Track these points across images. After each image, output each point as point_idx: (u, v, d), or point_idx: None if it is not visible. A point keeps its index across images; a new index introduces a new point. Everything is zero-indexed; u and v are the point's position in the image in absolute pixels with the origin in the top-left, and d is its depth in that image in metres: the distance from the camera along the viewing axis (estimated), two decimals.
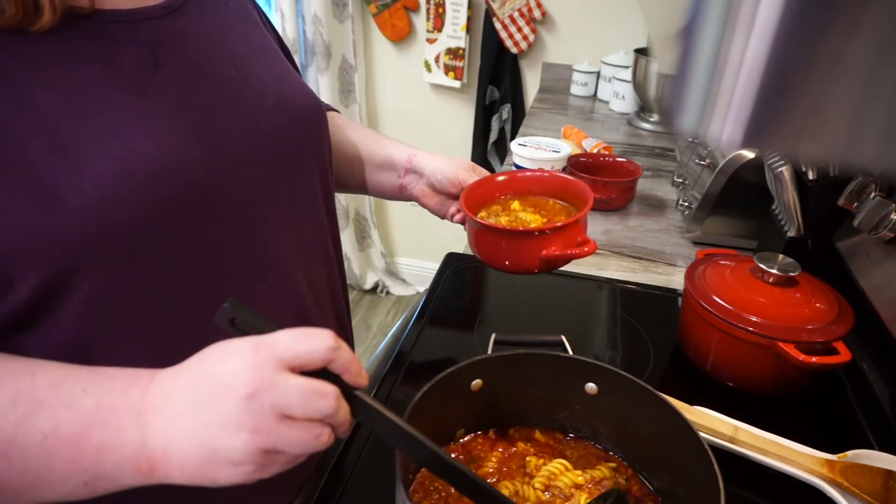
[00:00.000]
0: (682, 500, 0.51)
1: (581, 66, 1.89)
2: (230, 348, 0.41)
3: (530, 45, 1.95)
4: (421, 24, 2.06)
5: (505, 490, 0.54)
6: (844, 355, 0.66)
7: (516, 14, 1.91)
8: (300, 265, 0.62)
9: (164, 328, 0.51)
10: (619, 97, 1.76)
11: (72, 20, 0.46)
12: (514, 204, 0.78)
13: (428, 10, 1.98)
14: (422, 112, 2.22)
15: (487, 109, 2.08)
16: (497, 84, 2.04)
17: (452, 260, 1.00)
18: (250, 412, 0.38)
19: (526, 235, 0.69)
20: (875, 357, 0.77)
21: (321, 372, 0.41)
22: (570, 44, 1.97)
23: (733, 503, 0.45)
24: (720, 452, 0.61)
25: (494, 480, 0.55)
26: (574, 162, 1.21)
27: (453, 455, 0.57)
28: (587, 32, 1.93)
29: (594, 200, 0.73)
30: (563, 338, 0.73)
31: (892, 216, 0.71)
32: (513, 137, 1.87)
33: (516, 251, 0.71)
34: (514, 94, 2.04)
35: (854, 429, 0.72)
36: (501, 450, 0.58)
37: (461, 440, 0.59)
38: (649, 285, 0.96)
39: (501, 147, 2.10)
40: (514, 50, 1.96)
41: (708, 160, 1.05)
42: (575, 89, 1.92)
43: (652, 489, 0.55)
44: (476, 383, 0.57)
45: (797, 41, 0.18)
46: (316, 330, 0.41)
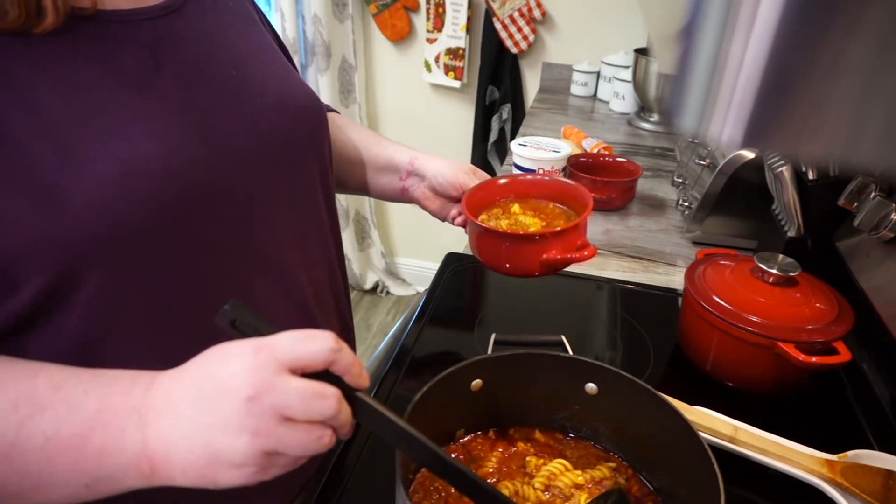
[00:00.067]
0: (682, 500, 0.51)
1: (581, 66, 1.89)
2: (231, 350, 0.41)
3: (530, 45, 1.95)
4: (421, 24, 2.06)
5: (505, 490, 0.54)
6: (844, 355, 0.66)
7: (516, 14, 1.91)
8: (302, 265, 0.62)
9: (167, 328, 0.51)
10: (619, 97, 1.76)
11: (73, 21, 0.46)
12: (514, 207, 0.79)
13: (428, 10, 1.98)
14: (422, 112, 2.22)
15: (487, 109, 2.08)
16: (497, 84, 2.04)
17: (452, 260, 1.00)
18: (251, 414, 0.38)
19: (527, 239, 0.70)
20: (875, 357, 0.77)
21: (322, 373, 0.41)
22: (570, 44, 1.97)
23: (733, 503, 0.45)
24: (720, 452, 0.61)
25: (494, 480, 0.55)
26: (574, 162, 1.21)
27: (453, 455, 0.57)
28: (587, 32, 1.93)
29: (594, 201, 0.73)
30: (563, 338, 0.73)
31: (892, 216, 0.71)
32: (513, 137, 1.87)
33: (517, 255, 0.71)
34: (514, 94, 2.04)
35: (854, 429, 0.72)
36: (501, 450, 0.58)
37: (461, 440, 0.59)
38: (649, 285, 0.96)
39: (501, 147, 2.10)
40: (514, 50, 1.96)
41: (708, 160, 1.05)
42: (575, 89, 1.92)
43: (652, 489, 0.55)
44: (476, 383, 0.57)
45: (797, 41, 0.18)
46: (317, 332, 0.41)
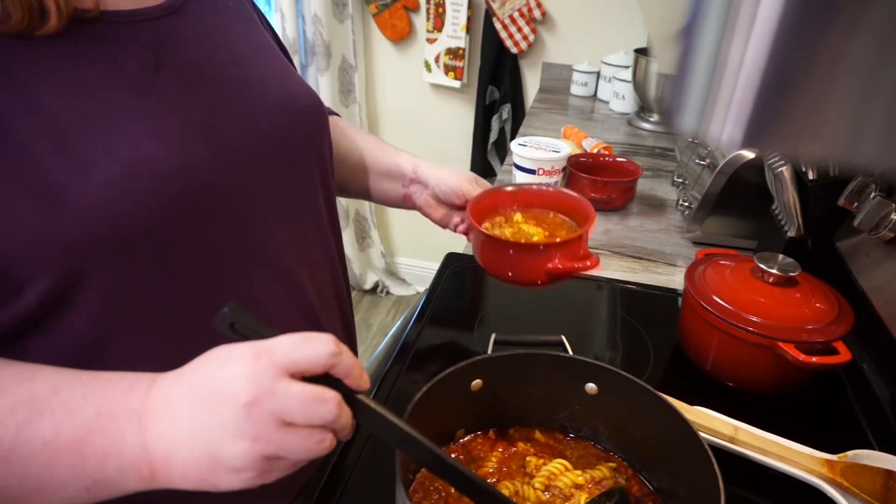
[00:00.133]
0: (682, 500, 0.51)
1: (581, 66, 1.88)
2: (231, 354, 0.40)
3: (530, 45, 1.95)
4: (421, 24, 2.06)
5: (505, 490, 0.54)
6: (844, 355, 0.66)
7: (516, 14, 1.91)
8: (303, 265, 0.62)
9: (169, 328, 0.51)
10: (619, 97, 1.76)
11: (75, 22, 0.46)
12: (517, 216, 0.80)
13: (428, 10, 1.98)
14: (422, 112, 2.22)
15: (487, 109, 2.08)
16: (497, 84, 2.04)
17: (452, 260, 1.00)
18: (250, 420, 0.38)
19: (532, 249, 0.71)
20: (875, 357, 0.77)
21: (323, 376, 0.41)
22: (570, 44, 1.97)
23: (733, 503, 0.45)
24: (720, 452, 0.61)
25: (494, 480, 0.55)
26: (574, 162, 1.21)
27: (453, 455, 0.57)
28: (587, 32, 1.93)
29: (594, 201, 0.74)
30: (563, 338, 0.73)
31: (892, 216, 0.71)
32: (513, 137, 1.87)
33: (522, 264, 0.72)
34: (514, 94, 2.04)
35: (854, 429, 0.72)
36: (501, 450, 0.58)
37: (461, 440, 0.59)
38: (649, 285, 0.96)
39: (501, 147, 2.10)
40: (514, 50, 1.96)
41: (708, 160, 1.05)
42: (575, 89, 1.92)
43: (652, 489, 0.55)
44: (476, 383, 0.57)
45: (797, 41, 0.18)
46: (316, 335, 0.41)
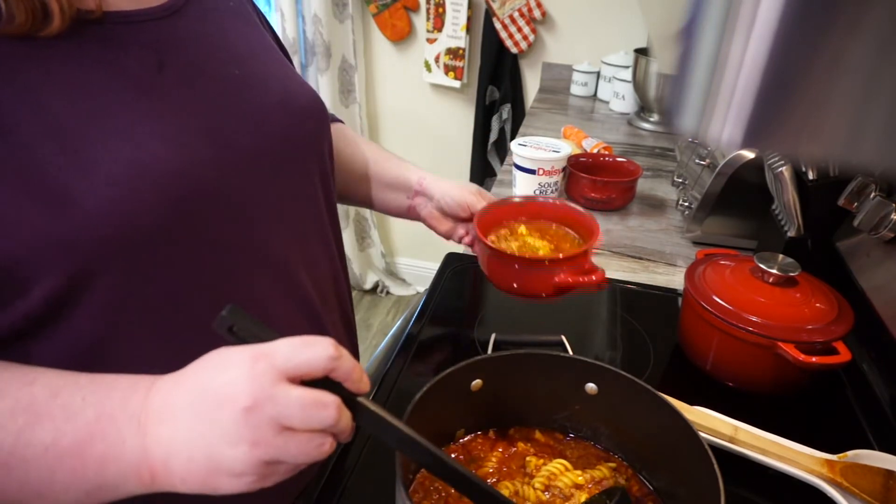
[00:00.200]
0: (682, 500, 0.51)
1: (581, 66, 1.88)
2: (230, 357, 0.40)
3: (530, 45, 1.95)
4: (421, 24, 2.06)
5: (505, 490, 0.54)
6: (844, 355, 0.66)
7: (516, 14, 1.91)
8: (304, 265, 0.62)
9: (172, 330, 0.51)
10: (619, 97, 1.76)
11: (77, 23, 0.46)
12: (521, 228, 0.81)
13: (428, 10, 1.98)
14: (422, 112, 2.22)
15: (487, 109, 2.08)
16: (497, 84, 2.04)
17: (452, 260, 1.00)
18: (249, 425, 0.38)
19: (539, 263, 0.72)
20: (875, 357, 0.77)
21: (322, 380, 0.40)
22: (570, 44, 1.96)
23: (733, 503, 0.45)
24: (720, 452, 0.61)
25: (494, 480, 0.55)
26: (574, 162, 1.21)
27: (453, 455, 0.57)
28: (587, 32, 1.93)
29: (594, 201, 0.74)
30: (563, 338, 0.73)
31: (892, 216, 0.71)
32: (513, 137, 1.87)
33: (529, 277, 0.73)
34: (514, 94, 2.04)
35: (854, 429, 0.72)
36: (501, 450, 0.58)
37: (461, 440, 0.59)
38: (649, 285, 0.96)
39: (501, 147, 2.10)
40: (514, 50, 1.96)
41: (708, 160, 1.05)
42: (575, 89, 1.91)
43: (652, 489, 0.55)
44: (476, 383, 0.57)
45: (797, 41, 0.18)
46: (316, 338, 0.41)
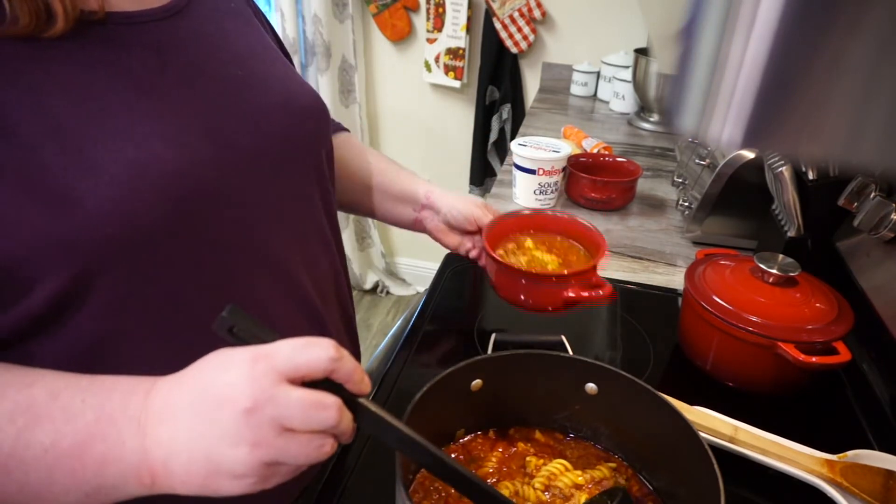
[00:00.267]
0: (682, 500, 0.51)
1: (581, 66, 1.88)
2: (231, 358, 0.40)
3: (530, 45, 1.95)
4: (421, 24, 2.06)
5: (505, 490, 0.54)
6: (844, 355, 0.66)
7: (516, 14, 1.91)
8: (304, 264, 0.62)
9: (173, 330, 0.51)
10: (619, 97, 1.76)
11: (80, 24, 0.46)
12: (528, 242, 0.81)
13: (428, 10, 1.98)
14: (422, 112, 2.22)
15: (487, 109, 2.08)
16: (497, 84, 2.04)
17: (452, 260, 1.00)
18: (250, 426, 0.38)
19: (549, 279, 0.73)
20: (875, 357, 0.77)
21: (323, 381, 0.40)
22: (570, 44, 1.96)
23: (733, 503, 0.45)
24: (720, 452, 0.61)
25: (494, 480, 0.55)
26: (574, 162, 1.21)
27: (453, 455, 0.57)
28: (587, 32, 1.93)
29: (594, 201, 0.74)
30: (563, 338, 0.73)
31: (892, 216, 0.71)
32: (513, 137, 1.87)
33: (537, 292, 0.74)
34: (514, 94, 2.04)
35: (854, 429, 0.72)
36: (501, 450, 0.58)
37: (461, 440, 0.59)
38: (649, 285, 0.96)
39: (501, 147, 2.10)
40: (514, 50, 1.96)
41: (708, 160, 1.05)
42: (575, 89, 1.91)
43: (652, 489, 0.55)
44: (476, 383, 0.57)
45: (797, 41, 0.18)
46: (317, 340, 0.41)
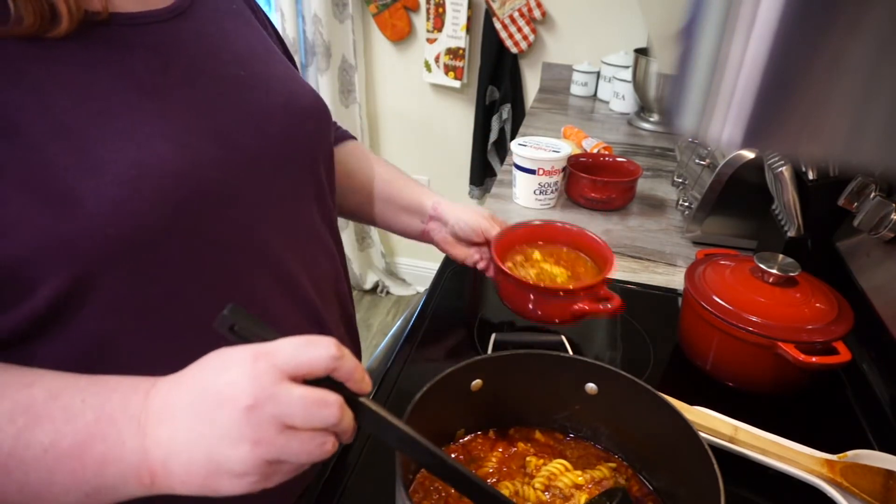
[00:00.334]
0: (682, 500, 0.51)
1: (581, 66, 1.88)
2: (231, 357, 0.40)
3: (530, 45, 1.95)
4: (421, 24, 2.06)
5: (505, 490, 0.54)
6: (844, 355, 0.66)
7: (516, 14, 1.91)
8: (305, 264, 0.62)
9: (174, 330, 0.51)
10: (619, 97, 1.76)
11: (84, 24, 0.46)
12: (536, 254, 0.81)
13: (428, 10, 1.98)
14: (422, 112, 2.22)
15: (487, 109, 2.08)
16: (497, 84, 2.04)
17: (452, 260, 1.00)
18: (251, 424, 0.38)
19: (558, 292, 0.74)
20: (875, 357, 0.77)
21: (324, 379, 0.40)
22: (570, 44, 1.96)
23: (733, 503, 0.45)
24: (720, 452, 0.61)
25: (494, 480, 0.55)
26: (574, 162, 1.21)
27: (453, 455, 0.57)
28: (587, 32, 1.93)
29: (594, 201, 0.74)
30: (563, 338, 0.73)
31: (892, 216, 0.71)
32: (513, 137, 1.87)
33: (545, 305, 0.75)
34: (514, 94, 2.04)
35: (854, 429, 0.72)
36: (501, 450, 0.58)
37: (461, 440, 0.59)
38: (649, 285, 0.96)
39: (501, 147, 2.10)
40: (514, 50, 1.96)
41: (708, 160, 1.05)
42: (575, 89, 1.91)
43: (652, 489, 0.55)
44: (476, 383, 0.57)
45: (797, 41, 0.18)
46: (318, 338, 0.40)
